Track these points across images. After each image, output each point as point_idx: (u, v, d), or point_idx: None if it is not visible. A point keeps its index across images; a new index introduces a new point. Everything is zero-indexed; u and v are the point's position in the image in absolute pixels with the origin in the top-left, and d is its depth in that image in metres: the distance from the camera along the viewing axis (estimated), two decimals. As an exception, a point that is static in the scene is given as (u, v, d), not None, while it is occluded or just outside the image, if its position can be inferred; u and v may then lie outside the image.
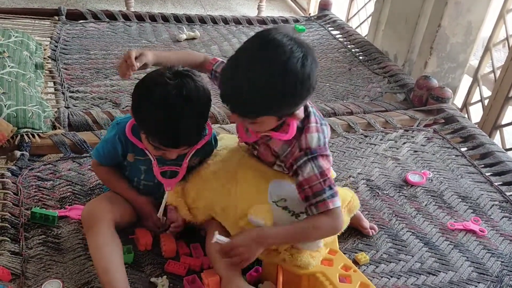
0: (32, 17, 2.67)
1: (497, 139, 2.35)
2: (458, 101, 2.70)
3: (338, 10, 3.77)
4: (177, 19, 2.91)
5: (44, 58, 2.21)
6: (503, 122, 2.34)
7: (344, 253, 1.39)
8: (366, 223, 1.49)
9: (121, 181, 1.37)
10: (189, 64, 1.32)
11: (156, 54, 1.30)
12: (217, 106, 2.05)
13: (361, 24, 3.52)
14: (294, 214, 1.24)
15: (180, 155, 1.28)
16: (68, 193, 1.51)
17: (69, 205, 1.46)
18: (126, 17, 2.81)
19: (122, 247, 1.23)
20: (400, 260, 1.42)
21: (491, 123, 2.36)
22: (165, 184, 1.32)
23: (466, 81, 2.68)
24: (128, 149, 1.31)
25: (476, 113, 2.58)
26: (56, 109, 1.85)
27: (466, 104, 2.61)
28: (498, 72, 2.35)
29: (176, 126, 1.16)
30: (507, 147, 2.32)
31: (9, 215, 1.39)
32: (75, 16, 2.74)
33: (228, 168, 1.32)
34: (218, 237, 1.14)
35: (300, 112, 1.18)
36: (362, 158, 1.87)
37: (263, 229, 1.17)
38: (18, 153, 1.60)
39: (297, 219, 1.22)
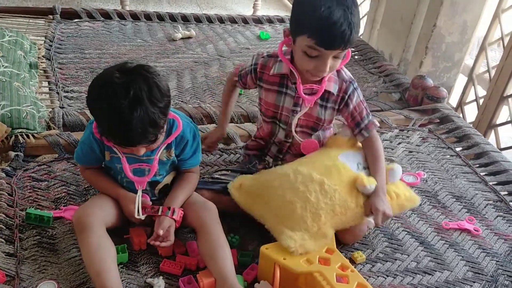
0: (27, 16, 2.65)
1: (492, 138, 2.36)
2: (453, 100, 2.71)
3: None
4: (173, 18, 2.90)
5: (39, 57, 2.20)
6: (498, 122, 2.35)
7: (341, 252, 1.39)
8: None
9: (106, 180, 1.37)
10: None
11: (219, 125, 1.69)
12: (212, 106, 2.04)
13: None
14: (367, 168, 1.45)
15: (152, 150, 1.27)
16: (63, 194, 1.50)
17: (64, 206, 1.45)
18: (121, 16, 2.80)
19: (115, 249, 1.23)
20: (396, 259, 1.43)
21: (486, 122, 2.36)
22: (136, 182, 1.30)
23: (461, 80, 2.69)
24: (104, 147, 1.31)
25: (471, 113, 2.59)
26: (50, 109, 1.84)
27: (461, 104, 2.62)
28: (493, 72, 2.36)
29: (127, 127, 1.12)
30: (502, 146, 2.33)
31: (4, 216, 1.38)
32: (69, 15, 2.73)
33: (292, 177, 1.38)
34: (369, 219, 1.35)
35: None
36: (357, 158, 1.87)
37: (376, 185, 1.36)
38: (12, 153, 1.59)
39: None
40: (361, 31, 3.22)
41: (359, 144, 1.50)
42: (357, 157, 1.44)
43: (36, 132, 1.68)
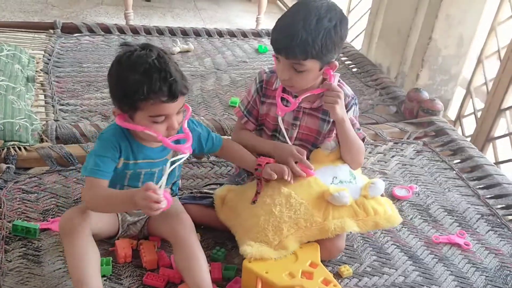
0: (29, 30, 2.70)
1: (490, 151, 2.34)
2: (452, 113, 2.69)
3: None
4: (172, 32, 2.93)
5: (36, 71, 2.24)
6: (496, 135, 2.33)
7: (327, 266, 1.39)
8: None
9: (114, 190, 1.28)
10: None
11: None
12: (206, 119, 2.06)
13: (357, 36, 3.53)
14: (346, 182, 1.41)
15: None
16: (52, 206, 1.51)
17: (52, 218, 1.46)
18: (121, 31, 2.84)
19: (99, 256, 1.22)
20: (383, 274, 1.41)
21: (484, 135, 2.34)
22: (180, 149, 1.25)
23: (460, 93, 2.68)
24: (122, 154, 1.27)
25: (470, 126, 2.57)
26: (44, 122, 1.86)
27: (459, 117, 2.60)
28: (490, 84, 2.35)
29: (168, 74, 1.16)
30: (500, 159, 2.30)
31: (-9, 228, 1.39)
32: (70, 29, 2.77)
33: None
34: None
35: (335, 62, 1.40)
36: (349, 171, 1.86)
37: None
38: (3, 166, 1.61)
39: (349, 184, 1.39)
40: (359, 44, 3.23)
41: (340, 158, 1.47)
42: (333, 171, 1.42)
43: (28, 144, 1.70)
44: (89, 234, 1.22)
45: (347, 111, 1.44)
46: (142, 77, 1.14)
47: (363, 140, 1.48)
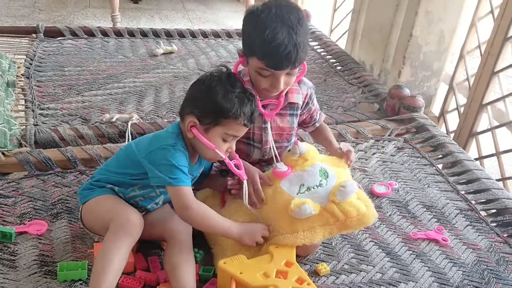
0: (11, 35, 2.69)
1: (474, 146, 2.35)
2: (436, 109, 2.70)
3: (321, 21, 3.80)
4: (156, 34, 2.93)
5: (17, 76, 2.23)
6: (479, 130, 2.34)
7: (305, 264, 1.40)
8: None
9: (218, 215, 1.32)
10: None
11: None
12: (187, 120, 2.06)
13: (343, 35, 3.54)
14: (315, 186, 1.38)
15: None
16: (29, 209, 1.51)
17: (29, 221, 1.46)
18: (104, 33, 2.84)
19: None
20: (361, 271, 1.42)
21: (467, 130, 2.35)
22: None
23: (444, 89, 2.68)
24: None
25: (454, 121, 2.58)
26: (23, 127, 1.86)
27: (443, 113, 2.61)
28: (472, 80, 2.36)
29: (252, 103, 1.30)
30: (484, 154, 2.31)
31: (-33, 233, 1.38)
32: (53, 33, 2.77)
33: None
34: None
35: None
36: (330, 169, 1.86)
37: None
38: (-19, 171, 1.61)
39: (318, 189, 1.37)
40: (344, 43, 3.24)
41: (309, 159, 1.44)
42: (301, 178, 1.39)
43: (6, 150, 1.69)
44: (136, 240, 1.26)
45: (310, 103, 1.55)
46: (237, 99, 1.26)
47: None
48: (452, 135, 2.43)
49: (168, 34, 2.97)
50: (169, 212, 1.40)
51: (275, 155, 1.50)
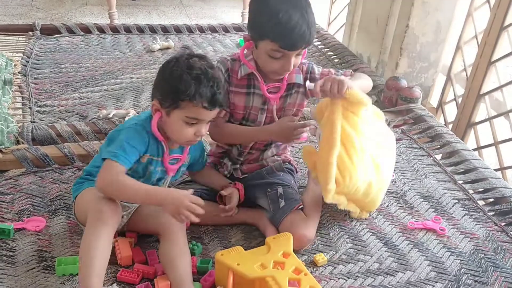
0: (7, 33, 2.69)
1: (472, 137, 2.35)
2: (434, 100, 2.70)
3: (319, 15, 3.79)
4: (152, 29, 2.93)
5: (14, 73, 2.24)
6: (477, 120, 2.33)
7: (303, 254, 1.41)
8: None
9: (143, 183, 1.27)
10: None
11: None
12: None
13: (340, 28, 3.53)
14: None
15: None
16: (27, 206, 1.52)
17: (27, 217, 1.46)
18: (101, 30, 2.84)
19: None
20: (358, 261, 1.42)
21: (465, 121, 2.35)
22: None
23: (442, 80, 2.68)
24: (147, 149, 1.30)
25: (452, 112, 2.57)
26: (20, 124, 1.86)
27: (441, 103, 2.61)
28: (470, 70, 2.35)
29: (213, 84, 1.25)
30: (482, 144, 2.31)
31: (-35, 230, 1.39)
32: (50, 31, 2.77)
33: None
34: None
35: None
36: (327, 161, 1.86)
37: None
38: (-21, 169, 1.61)
39: None
40: (341, 35, 3.23)
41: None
42: None
43: (4, 147, 1.70)
44: (115, 229, 1.23)
45: (311, 74, 1.51)
46: (193, 80, 1.23)
47: (351, 74, 1.52)
48: (450, 125, 2.43)
49: (165, 30, 2.96)
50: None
51: None
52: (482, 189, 1.75)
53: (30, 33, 2.71)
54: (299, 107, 1.55)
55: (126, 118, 1.92)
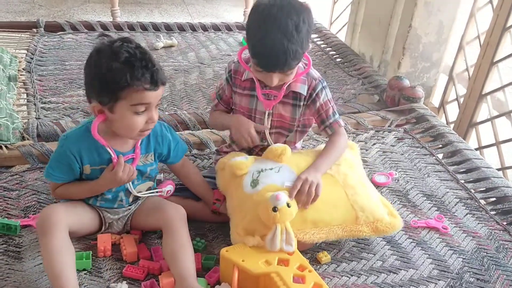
0: (11, 30, 2.70)
1: (474, 137, 2.36)
2: (436, 100, 2.71)
3: (321, 14, 3.80)
4: (156, 27, 2.94)
5: (19, 70, 2.25)
6: (478, 120, 2.35)
7: (307, 252, 1.42)
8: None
9: (82, 182, 1.34)
10: None
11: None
12: (188, 112, 2.07)
13: (342, 27, 3.54)
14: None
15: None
16: (33, 202, 1.52)
17: (33, 214, 1.47)
18: (104, 27, 2.84)
19: (75, 254, 1.23)
20: (361, 259, 1.43)
21: (467, 121, 2.37)
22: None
23: (444, 80, 2.69)
24: (84, 161, 1.30)
25: (454, 112, 2.59)
26: (26, 120, 1.87)
27: (443, 103, 2.62)
28: (472, 70, 2.37)
29: (147, 62, 1.19)
30: (483, 144, 2.32)
31: (-28, 226, 1.40)
32: (54, 28, 2.77)
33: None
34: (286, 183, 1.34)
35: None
36: (330, 160, 1.87)
37: (315, 164, 1.40)
38: (-16, 164, 1.62)
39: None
40: (343, 34, 3.24)
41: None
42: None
43: (9, 143, 1.71)
44: (66, 232, 1.23)
45: (315, 96, 1.46)
46: (124, 65, 1.16)
47: (342, 127, 1.52)
48: (452, 125, 2.44)
49: (168, 28, 2.97)
50: (161, 202, 1.41)
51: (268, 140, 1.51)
52: (484, 188, 1.76)
53: (34, 30, 2.71)
54: (305, 119, 1.54)
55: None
